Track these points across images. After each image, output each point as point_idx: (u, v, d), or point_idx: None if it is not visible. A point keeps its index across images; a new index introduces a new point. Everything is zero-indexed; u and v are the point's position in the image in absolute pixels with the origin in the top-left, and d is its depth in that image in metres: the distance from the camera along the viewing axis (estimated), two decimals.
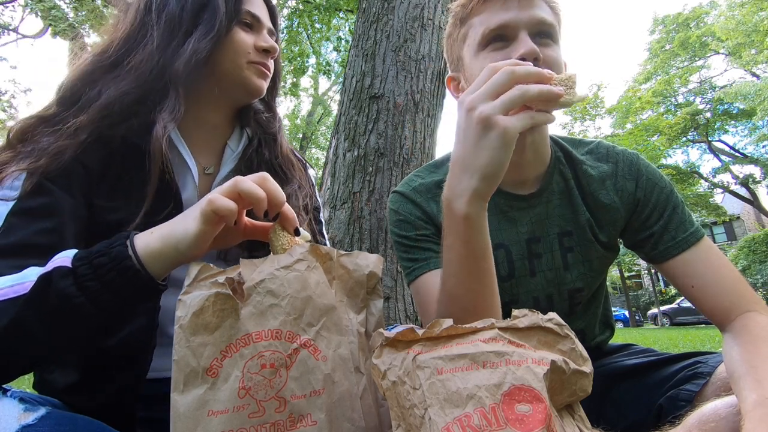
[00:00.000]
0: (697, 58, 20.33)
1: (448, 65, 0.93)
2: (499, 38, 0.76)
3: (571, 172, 0.89)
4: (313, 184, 1.00)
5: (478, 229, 0.60)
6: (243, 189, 0.55)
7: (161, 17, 0.76)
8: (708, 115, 19.06)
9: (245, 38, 0.80)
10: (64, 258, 0.51)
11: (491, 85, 0.56)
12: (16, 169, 0.62)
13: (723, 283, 0.75)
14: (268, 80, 0.85)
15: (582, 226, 0.87)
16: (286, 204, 0.60)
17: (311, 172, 1.02)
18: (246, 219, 0.65)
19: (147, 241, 0.54)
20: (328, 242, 1.01)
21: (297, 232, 0.62)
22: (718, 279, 0.75)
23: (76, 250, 0.53)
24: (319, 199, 1.01)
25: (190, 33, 0.75)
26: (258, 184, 0.57)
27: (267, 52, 0.82)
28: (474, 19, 0.80)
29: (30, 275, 0.51)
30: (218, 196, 0.54)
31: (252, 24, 0.82)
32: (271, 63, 0.85)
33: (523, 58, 0.71)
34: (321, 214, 1.01)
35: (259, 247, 0.81)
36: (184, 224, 0.54)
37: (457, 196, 0.59)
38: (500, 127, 0.54)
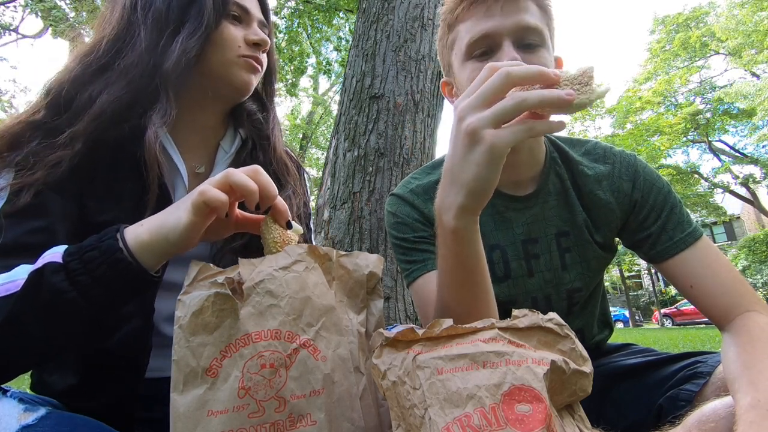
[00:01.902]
0: (697, 59, 20.33)
1: (442, 69, 0.93)
2: (484, 49, 0.75)
3: (567, 173, 0.88)
4: (306, 191, 0.97)
5: (468, 242, 0.58)
6: (234, 181, 0.54)
7: (148, 16, 0.73)
8: (708, 115, 19.07)
9: (234, 32, 0.76)
10: (55, 254, 0.51)
11: (484, 90, 0.51)
12: (11, 183, 0.60)
13: (722, 283, 0.74)
14: (259, 75, 0.82)
15: (579, 226, 0.87)
16: (279, 197, 0.59)
17: (305, 173, 1.00)
18: (238, 211, 0.64)
19: (137, 233, 0.53)
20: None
21: (289, 225, 0.61)
22: (717, 278, 0.75)
23: (66, 246, 0.53)
24: (310, 204, 0.99)
25: (178, 31, 0.72)
26: (250, 176, 0.56)
27: (257, 45, 0.79)
28: (460, 26, 0.78)
29: (20, 273, 0.51)
30: (209, 188, 0.53)
31: (241, 16, 0.78)
32: (263, 57, 0.82)
33: None
34: (311, 221, 0.99)
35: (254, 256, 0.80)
36: (175, 215, 0.54)
37: (446, 209, 0.57)
38: (486, 143, 0.50)
